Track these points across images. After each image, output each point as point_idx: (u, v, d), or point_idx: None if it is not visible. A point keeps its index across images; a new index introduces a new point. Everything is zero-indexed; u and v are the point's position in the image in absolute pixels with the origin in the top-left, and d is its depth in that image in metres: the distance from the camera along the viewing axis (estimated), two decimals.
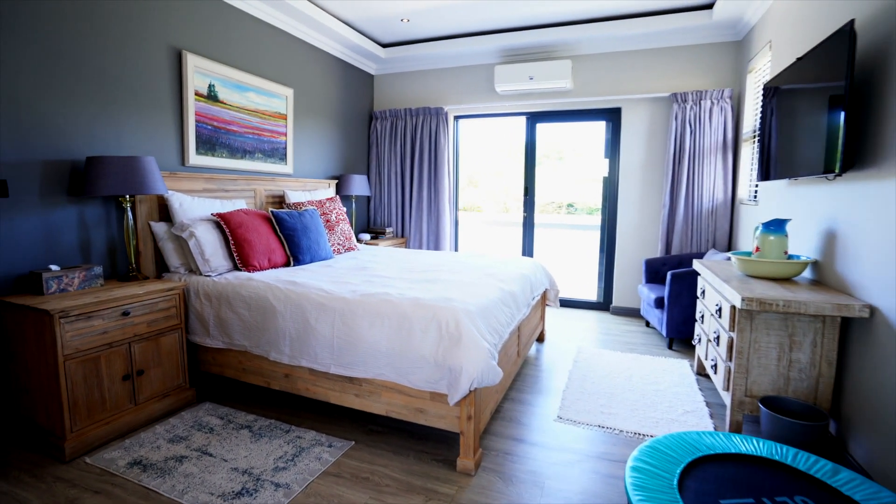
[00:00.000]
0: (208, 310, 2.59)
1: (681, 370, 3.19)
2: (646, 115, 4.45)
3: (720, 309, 2.39)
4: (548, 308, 4.84)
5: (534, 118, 4.95)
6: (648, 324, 4.34)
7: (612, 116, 4.65)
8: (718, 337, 2.40)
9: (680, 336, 3.60)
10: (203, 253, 2.74)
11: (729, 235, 4.17)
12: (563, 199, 11.94)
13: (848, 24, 1.93)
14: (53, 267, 2.31)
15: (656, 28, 4.02)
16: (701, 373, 3.14)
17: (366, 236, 4.93)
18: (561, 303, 5.06)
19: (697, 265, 2.96)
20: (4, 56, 2.19)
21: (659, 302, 3.72)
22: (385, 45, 5.00)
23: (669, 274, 3.56)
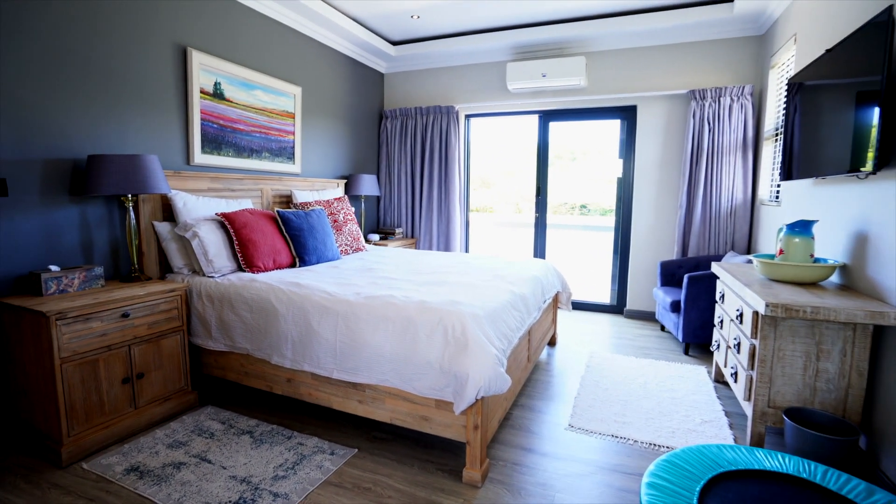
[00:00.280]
0: (210, 311, 2.54)
1: (698, 377, 3.06)
2: (662, 113, 4.31)
3: (741, 314, 2.27)
4: (560, 311, 4.73)
5: (547, 117, 4.84)
6: (664, 328, 4.21)
7: (627, 114, 4.53)
8: (739, 344, 2.28)
9: (696, 341, 3.47)
10: (206, 253, 2.69)
11: (748, 237, 4.02)
12: (576, 200, 11.77)
13: (884, 13, 1.81)
14: (53, 267, 2.27)
15: (674, 23, 3.89)
16: (719, 380, 3.01)
17: (375, 237, 4.87)
18: (573, 305, 4.93)
19: (716, 268, 2.84)
20: (4, 53, 2.16)
21: (675, 306, 3.59)
22: (395, 43, 4.94)
23: (686, 277, 3.43)
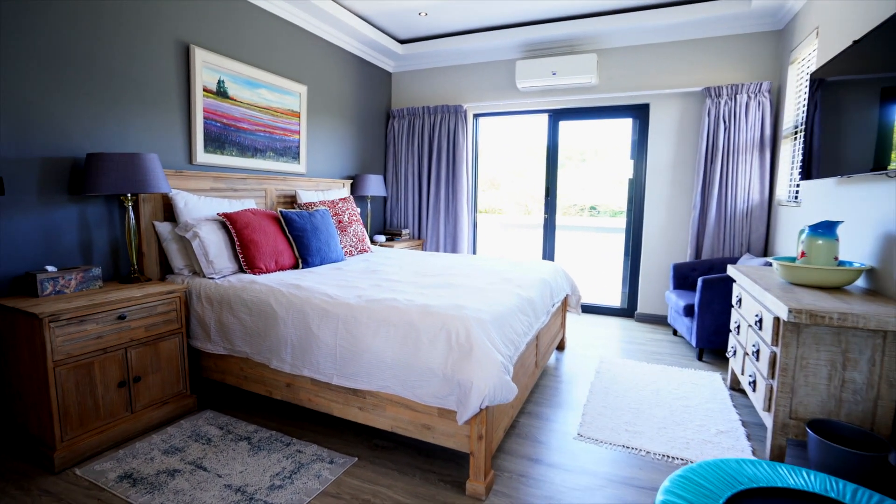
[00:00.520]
0: (209, 314, 2.48)
1: (713, 384, 2.94)
2: (676, 111, 4.19)
3: (760, 320, 2.15)
4: (569, 314, 4.62)
5: (557, 116, 4.73)
6: (676, 332, 4.09)
7: (640, 113, 4.41)
8: (758, 351, 2.17)
9: (711, 346, 3.35)
10: (207, 254, 2.64)
11: (765, 239, 3.88)
12: (586, 202, 11.63)
13: None
14: (50, 268, 2.23)
15: (688, 18, 3.77)
16: (735, 388, 2.89)
17: (381, 238, 4.80)
18: (583, 308, 4.82)
19: (732, 271, 2.72)
20: (4, 49, 2.12)
21: (688, 310, 3.47)
22: (403, 42, 4.87)
23: (700, 280, 3.31)
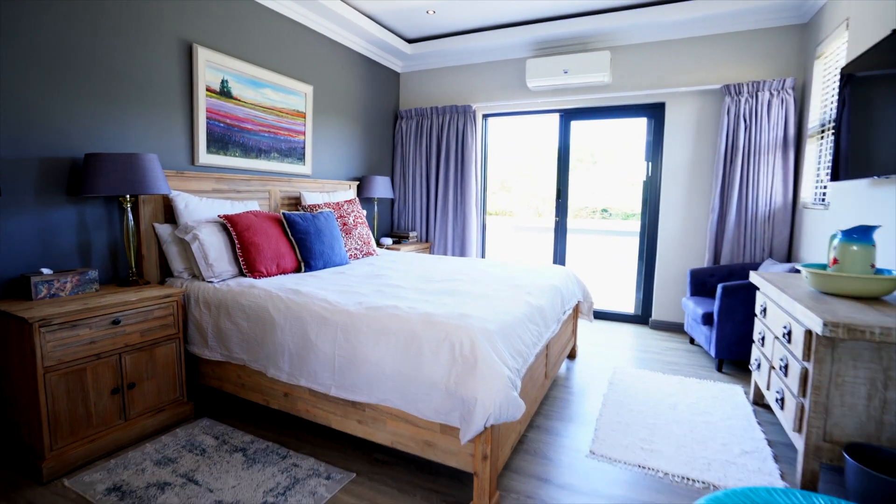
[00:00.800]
0: (207, 319, 2.40)
1: (734, 398, 2.78)
2: (693, 110, 4.04)
3: (789, 332, 2.01)
4: (580, 321, 4.47)
5: (568, 115, 4.60)
6: (693, 341, 3.92)
7: (655, 112, 4.26)
8: (787, 366, 2.02)
9: (731, 357, 3.19)
10: (207, 257, 2.57)
11: (789, 244, 3.70)
12: (598, 204, 11.42)
13: None
14: (45, 270, 2.16)
15: (706, 13, 3.62)
16: (758, 402, 2.73)
17: (388, 241, 4.71)
18: (595, 315, 4.67)
19: (755, 277, 2.57)
20: (2, 48, 2.06)
21: (707, 318, 3.31)
22: (411, 41, 4.78)
23: (720, 287, 3.15)
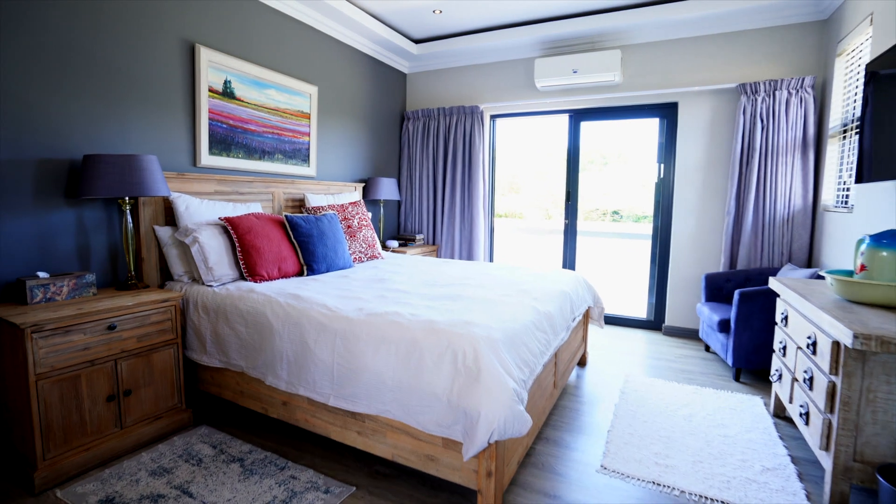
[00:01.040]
0: (205, 324, 2.34)
1: (753, 410, 2.66)
2: (707, 110, 3.92)
3: (814, 343, 1.89)
4: (590, 326, 4.36)
5: (577, 116, 4.50)
6: (709, 348, 3.79)
7: (667, 112, 4.15)
8: (812, 379, 1.90)
9: (749, 367, 3.06)
10: (206, 260, 2.51)
11: (809, 248, 3.56)
12: (609, 206, 11.27)
13: None
14: (42, 274, 2.12)
15: (721, 10, 3.50)
16: (779, 415, 2.61)
17: (394, 243, 4.63)
18: (606, 320, 4.56)
19: (775, 284, 2.45)
20: (1, 47, 2.03)
21: (723, 325, 3.19)
22: (417, 41, 4.72)
23: (737, 293, 3.03)
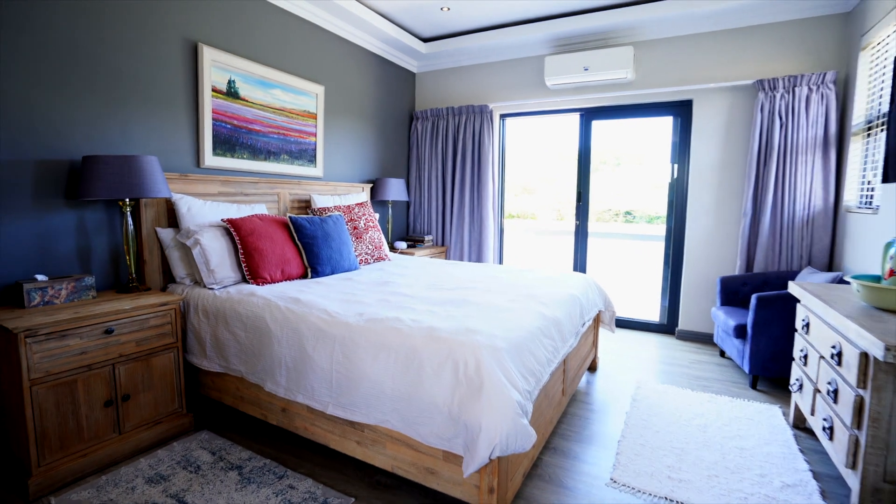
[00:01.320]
0: (205, 328, 2.30)
1: (771, 420, 2.55)
2: (723, 108, 3.79)
3: (839, 353, 1.79)
4: (601, 330, 4.26)
5: (589, 115, 4.40)
6: (724, 353, 3.67)
7: (681, 110, 4.03)
8: (836, 391, 1.79)
9: (767, 374, 2.94)
10: (208, 262, 2.47)
11: (830, 251, 3.43)
12: (621, 207, 11.09)
13: None
14: (40, 277, 2.10)
15: (737, 4, 3.38)
16: (799, 426, 2.49)
17: (402, 245, 4.58)
18: (617, 323, 4.45)
19: (796, 288, 2.34)
20: (1, 47, 2.01)
21: (739, 330, 3.07)
22: (426, 40, 4.65)
23: (755, 297, 2.91)
